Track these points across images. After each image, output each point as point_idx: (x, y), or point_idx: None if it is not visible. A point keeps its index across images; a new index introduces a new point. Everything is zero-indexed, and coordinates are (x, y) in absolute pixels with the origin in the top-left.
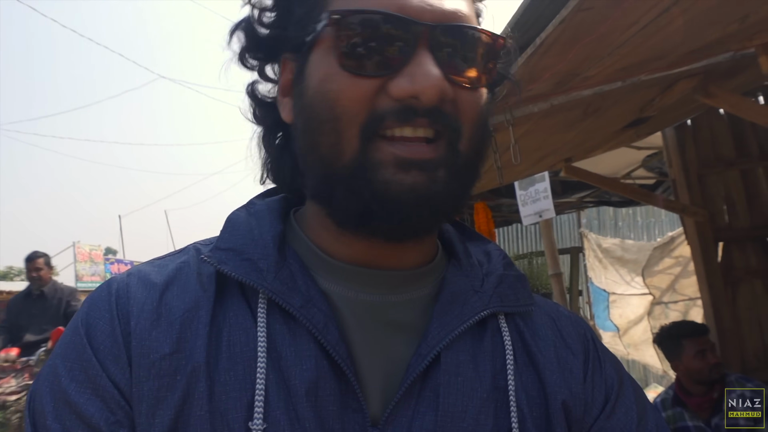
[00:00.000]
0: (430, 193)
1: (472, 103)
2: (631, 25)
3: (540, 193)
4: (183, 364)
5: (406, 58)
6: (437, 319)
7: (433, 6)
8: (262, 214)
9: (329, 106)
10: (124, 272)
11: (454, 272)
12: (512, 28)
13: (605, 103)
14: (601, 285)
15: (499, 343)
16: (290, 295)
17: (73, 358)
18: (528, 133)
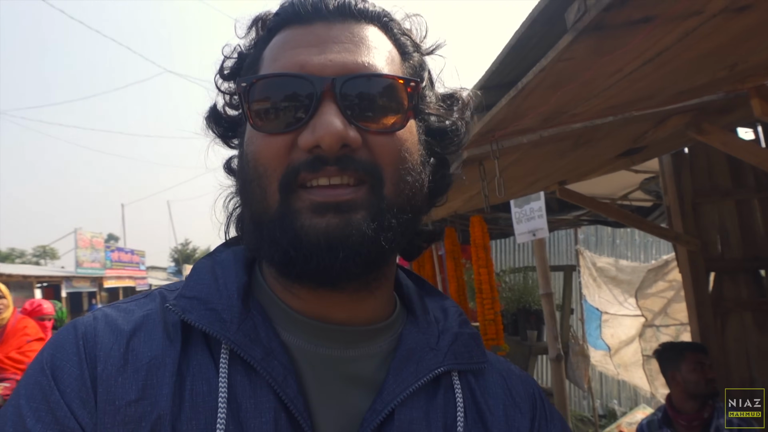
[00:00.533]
0: (344, 234)
1: (390, 147)
2: (615, 72)
3: (535, 212)
4: (148, 411)
5: (312, 112)
6: (393, 376)
7: (334, 61)
8: (227, 263)
9: (253, 165)
10: (88, 315)
11: (411, 329)
12: (496, 68)
13: (597, 134)
14: (595, 303)
15: (451, 400)
16: (252, 347)
17: (39, 398)
18: (518, 160)
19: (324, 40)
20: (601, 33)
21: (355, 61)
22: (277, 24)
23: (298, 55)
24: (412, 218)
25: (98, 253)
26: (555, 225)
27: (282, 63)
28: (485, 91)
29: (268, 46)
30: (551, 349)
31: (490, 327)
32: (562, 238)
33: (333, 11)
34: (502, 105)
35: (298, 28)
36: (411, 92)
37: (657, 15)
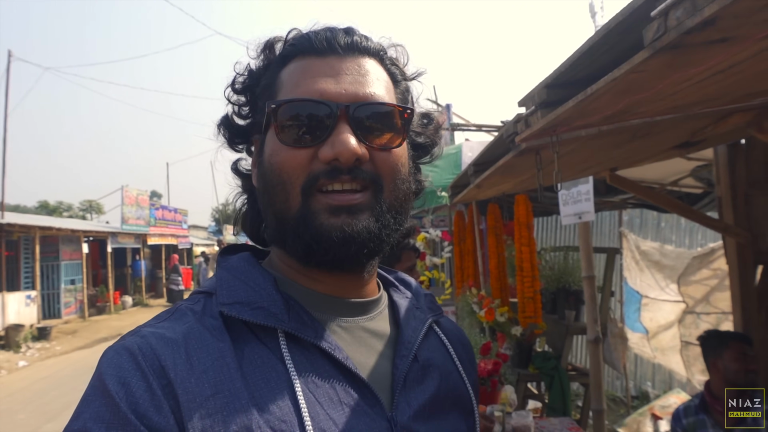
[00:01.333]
0: (355, 232)
1: (389, 161)
2: (684, 81)
3: (582, 195)
4: (227, 402)
5: (330, 131)
6: (404, 329)
7: (348, 90)
8: (246, 269)
9: (277, 173)
10: (129, 338)
11: (397, 296)
12: (566, 69)
13: (655, 129)
14: (635, 287)
15: (438, 341)
16: (304, 329)
17: (108, 418)
18: (574, 150)
19: (338, 71)
20: (678, 51)
21: (363, 91)
22: (292, 52)
23: (318, 83)
24: (403, 217)
25: (143, 211)
26: (599, 206)
27: (304, 89)
28: (550, 89)
29: (285, 70)
30: (590, 331)
31: (528, 305)
32: (606, 219)
33: (344, 47)
34: (569, 106)
35: (314, 59)
36: (406, 118)
37: (736, 36)
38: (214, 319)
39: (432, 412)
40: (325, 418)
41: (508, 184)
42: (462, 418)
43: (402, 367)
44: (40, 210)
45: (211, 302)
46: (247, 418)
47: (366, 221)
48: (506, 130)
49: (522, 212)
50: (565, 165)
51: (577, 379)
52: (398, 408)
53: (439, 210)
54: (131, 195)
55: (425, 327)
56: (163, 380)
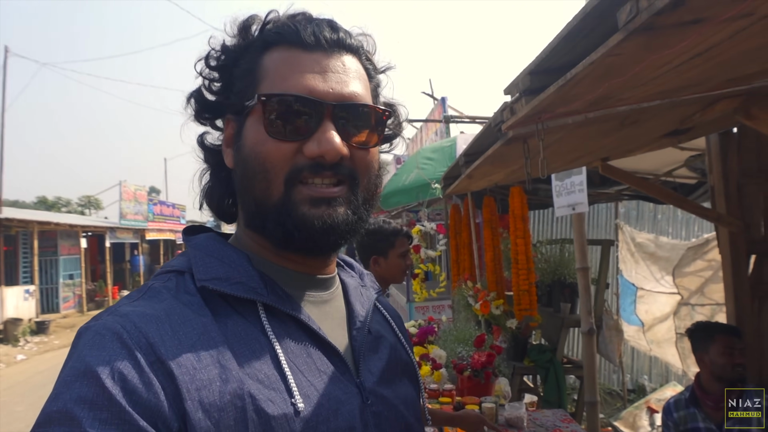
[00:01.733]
0: (334, 222)
1: (365, 159)
2: (663, 65)
3: (575, 186)
4: (219, 373)
5: (315, 127)
6: (354, 304)
7: (334, 89)
8: (218, 247)
9: (261, 162)
10: (108, 317)
11: (344, 275)
12: (546, 56)
13: (643, 116)
14: (631, 279)
15: (379, 315)
16: (282, 302)
17: (91, 398)
18: (562, 139)
19: (324, 69)
20: (652, 32)
21: (348, 90)
22: (276, 40)
23: (307, 79)
24: (373, 207)
25: (141, 206)
26: (595, 198)
27: (292, 84)
28: (534, 75)
29: (269, 57)
30: (584, 323)
31: (524, 297)
32: (602, 211)
33: (330, 43)
34: (550, 92)
35: (301, 53)
36: (384, 119)
37: (707, 17)
38: (190, 296)
39: (389, 378)
40: (307, 385)
41: (499, 175)
42: (411, 385)
43: (360, 338)
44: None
45: (183, 279)
46: (239, 387)
47: (344, 213)
48: (494, 118)
49: (517, 204)
50: (555, 154)
51: (573, 372)
52: (363, 374)
53: (435, 203)
54: (129, 190)
55: (372, 303)
56: (151, 357)
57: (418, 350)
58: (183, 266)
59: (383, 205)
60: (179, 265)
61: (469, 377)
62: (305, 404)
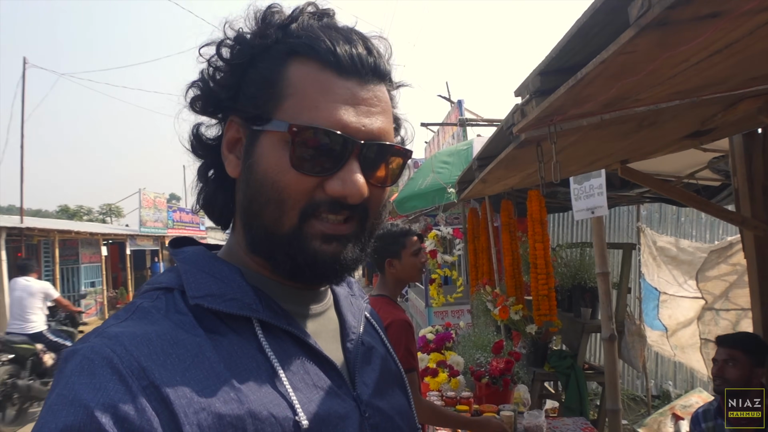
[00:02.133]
0: (343, 258)
1: (379, 197)
2: (680, 63)
3: (594, 189)
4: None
5: (340, 165)
6: (346, 315)
7: (366, 127)
8: (209, 261)
9: (277, 191)
10: (95, 339)
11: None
12: (557, 55)
13: (662, 117)
14: (653, 283)
15: (369, 324)
16: (278, 318)
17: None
18: (578, 141)
19: (358, 101)
20: (666, 28)
21: (377, 127)
22: (306, 51)
23: (340, 112)
24: (373, 237)
25: (161, 213)
26: (616, 201)
27: (324, 115)
28: (544, 76)
29: (295, 71)
30: (605, 328)
31: (543, 302)
32: (624, 214)
33: (367, 70)
34: (561, 92)
35: (335, 78)
36: (406, 161)
37: (725, 11)
38: (182, 315)
39: (383, 389)
40: (308, 401)
41: (514, 179)
42: (403, 395)
43: (354, 350)
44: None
45: (173, 297)
46: (239, 407)
47: (353, 250)
48: (506, 121)
49: (535, 208)
50: (571, 157)
51: (595, 378)
52: (359, 387)
53: (452, 207)
54: (149, 198)
55: (363, 313)
56: (143, 381)
57: (435, 357)
58: (172, 283)
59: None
60: (168, 282)
61: (487, 384)
62: (309, 422)
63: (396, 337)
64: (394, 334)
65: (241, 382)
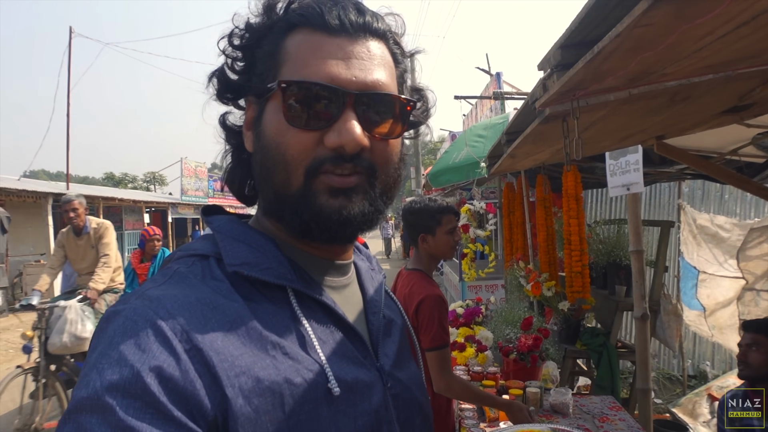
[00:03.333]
0: (350, 214)
1: (386, 151)
2: (705, 35)
3: (630, 165)
4: (255, 359)
5: (336, 117)
6: (367, 288)
7: (357, 77)
8: (244, 231)
9: (281, 152)
10: (137, 301)
11: (357, 258)
12: (576, 27)
13: (695, 92)
14: (692, 262)
15: (388, 297)
16: (310, 288)
17: (123, 386)
18: (607, 117)
19: (348, 55)
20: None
21: (371, 78)
22: (300, 21)
23: (329, 66)
24: (392, 199)
25: (202, 182)
26: (655, 178)
27: (314, 70)
28: (565, 49)
29: (291, 40)
30: (637, 307)
31: (576, 279)
32: (665, 190)
33: (356, 27)
34: (579, 67)
35: (324, 37)
36: (408, 110)
37: None
38: (218, 281)
39: (401, 360)
40: (338, 369)
41: (544, 154)
42: (417, 366)
43: (376, 322)
44: (106, 181)
45: (208, 264)
46: (276, 372)
47: (361, 204)
48: (531, 95)
49: (570, 183)
50: (602, 132)
51: (628, 357)
52: (381, 358)
53: (488, 181)
54: (190, 167)
55: (383, 286)
56: (187, 344)
57: (464, 331)
58: (207, 250)
59: (433, 183)
60: (203, 249)
61: (515, 360)
62: (339, 389)
63: (429, 312)
64: (428, 309)
65: (277, 348)
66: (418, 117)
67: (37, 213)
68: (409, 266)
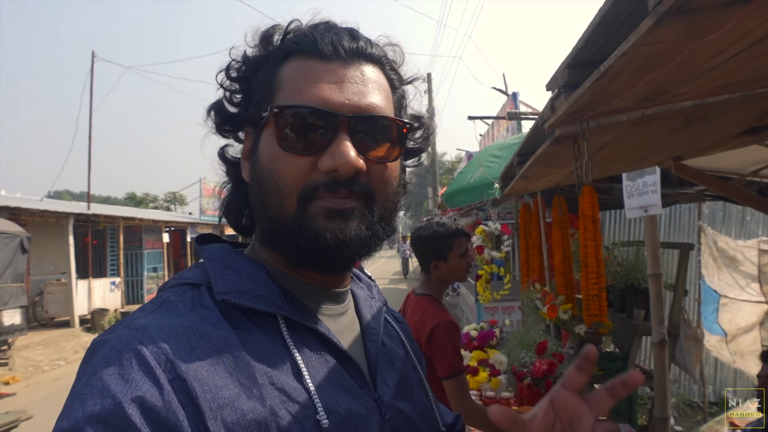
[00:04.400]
0: (346, 237)
1: (382, 175)
2: (717, 54)
3: (648, 186)
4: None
5: (330, 141)
6: (365, 316)
7: (350, 100)
8: (235, 258)
9: (275, 180)
10: (123, 330)
11: (355, 286)
12: (582, 46)
13: (712, 112)
14: (713, 285)
15: (389, 327)
16: (302, 316)
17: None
18: (620, 137)
19: (341, 79)
20: (689, 15)
21: (365, 101)
22: (294, 50)
23: (322, 90)
24: (391, 225)
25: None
26: (674, 199)
27: (306, 95)
28: (572, 69)
29: (286, 68)
30: (655, 332)
31: (593, 302)
32: (684, 212)
33: (348, 52)
34: (585, 87)
35: (318, 63)
36: (405, 132)
37: None
38: (208, 310)
39: (404, 390)
40: (330, 400)
41: (557, 175)
42: (425, 397)
43: (374, 351)
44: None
45: (199, 293)
46: (262, 404)
47: (357, 228)
48: (541, 116)
49: (587, 204)
50: (616, 154)
51: (646, 383)
52: (380, 388)
53: (504, 202)
54: (209, 187)
55: (382, 315)
56: (170, 374)
57: (477, 354)
58: (198, 279)
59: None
60: (194, 278)
61: (529, 386)
62: (329, 420)
63: (443, 340)
64: (441, 336)
65: (264, 378)
66: (417, 143)
67: (59, 233)
68: (418, 291)
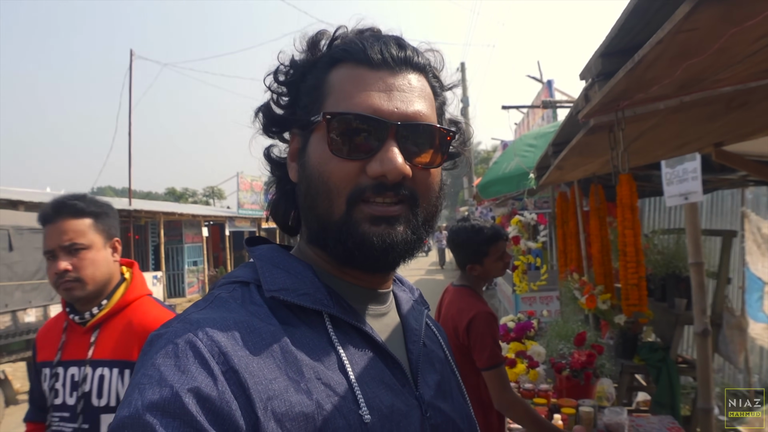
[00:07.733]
0: (393, 241)
1: (427, 180)
2: (759, 38)
3: (688, 173)
4: (289, 384)
5: (378, 147)
6: (408, 318)
7: (399, 109)
8: (284, 258)
9: (324, 181)
10: (178, 324)
11: (397, 288)
12: (616, 34)
13: (753, 97)
14: (758, 273)
15: (430, 330)
16: (347, 314)
17: (163, 406)
18: (658, 125)
19: (390, 87)
20: (727, 1)
21: (412, 109)
22: (342, 57)
23: (371, 98)
24: (433, 227)
25: (258, 196)
26: (716, 185)
27: (357, 102)
28: (605, 58)
29: (335, 74)
30: (697, 322)
31: (632, 292)
32: (727, 198)
33: (397, 61)
34: (620, 76)
35: (367, 71)
36: (448, 140)
37: None
38: (257, 306)
39: (444, 391)
40: (373, 396)
41: (593, 165)
42: (464, 402)
43: (416, 351)
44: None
45: (249, 290)
46: (308, 397)
47: (403, 232)
48: (575, 106)
49: (625, 193)
50: (655, 141)
51: (689, 373)
52: (421, 387)
53: (541, 191)
54: (246, 181)
55: (424, 318)
56: (224, 366)
57: (515, 346)
58: (248, 277)
59: (483, 195)
60: (244, 276)
61: (568, 377)
62: (371, 415)
63: (482, 330)
64: (480, 327)
65: (311, 372)
66: (456, 148)
67: None
68: (456, 282)
